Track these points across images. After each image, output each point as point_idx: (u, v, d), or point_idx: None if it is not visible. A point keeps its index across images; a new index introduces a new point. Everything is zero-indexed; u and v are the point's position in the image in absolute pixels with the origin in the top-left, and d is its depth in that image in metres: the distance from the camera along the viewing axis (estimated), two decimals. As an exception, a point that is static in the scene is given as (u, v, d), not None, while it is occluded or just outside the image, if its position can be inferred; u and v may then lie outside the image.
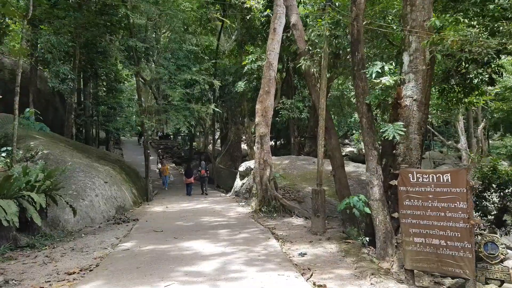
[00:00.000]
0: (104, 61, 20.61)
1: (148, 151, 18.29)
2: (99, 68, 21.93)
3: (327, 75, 9.40)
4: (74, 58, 18.61)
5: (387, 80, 7.04)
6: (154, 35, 22.96)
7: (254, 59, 18.81)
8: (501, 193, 10.67)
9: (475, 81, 10.67)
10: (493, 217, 10.90)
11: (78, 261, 6.69)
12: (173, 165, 34.87)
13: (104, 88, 26.19)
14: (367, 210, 7.49)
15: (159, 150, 33.59)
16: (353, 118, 20.11)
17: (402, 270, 6.79)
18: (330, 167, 12.04)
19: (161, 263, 6.39)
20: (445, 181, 5.40)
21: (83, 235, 9.04)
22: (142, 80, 20.60)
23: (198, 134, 39.39)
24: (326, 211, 9.56)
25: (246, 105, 23.54)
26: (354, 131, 22.96)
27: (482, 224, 9.79)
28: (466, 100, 11.84)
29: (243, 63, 19.79)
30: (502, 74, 9.91)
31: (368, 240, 7.79)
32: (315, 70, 9.69)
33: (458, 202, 5.27)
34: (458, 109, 15.56)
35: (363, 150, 30.48)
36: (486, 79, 10.46)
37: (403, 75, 7.40)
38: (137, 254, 7.05)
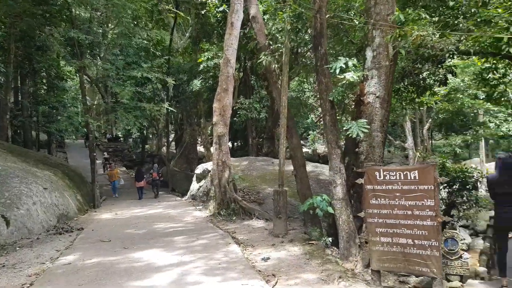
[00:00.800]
0: (44, 56, 18.93)
1: (94, 154, 17.04)
2: (37, 64, 20.11)
3: (289, 72, 9.10)
4: (9, 52, 16.89)
5: (350, 76, 6.83)
6: (101, 30, 21.61)
7: (210, 57, 18.25)
8: (449, 190, 11.04)
9: (428, 81, 10.94)
10: (442, 212, 11.23)
11: (8, 280, 5.77)
12: (124, 168, 33.20)
13: (44, 86, 24.10)
14: (330, 209, 7.25)
15: (105, 153, 31.66)
16: (309, 119, 20.18)
17: (366, 270, 6.61)
18: (290, 168, 11.80)
19: (108, 279, 5.68)
20: (412, 178, 5.24)
21: (17, 248, 7.98)
22: (88, 78, 19.21)
23: (151, 136, 37.93)
24: (287, 212, 9.24)
25: (202, 105, 22.84)
26: (310, 132, 23.04)
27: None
28: (418, 100, 12.13)
29: (198, 61, 19.13)
30: (455, 73, 10.20)
31: (331, 241, 7.55)
32: (276, 66, 9.36)
33: (425, 200, 5.13)
34: (412, 109, 16.04)
35: (318, 151, 30.68)
36: (439, 79, 10.75)
37: (366, 71, 7.26)
38: (80, 269, 6.25)
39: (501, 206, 5.59)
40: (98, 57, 19.17)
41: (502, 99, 10.04)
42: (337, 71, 6.85)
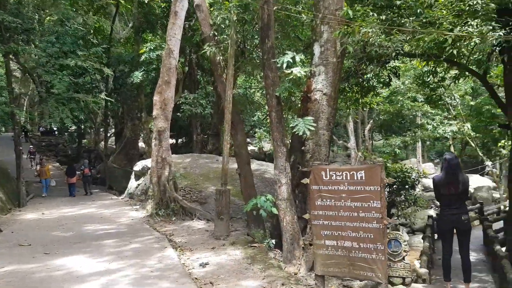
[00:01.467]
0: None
1: (21, 148, 15.35)
2: None
3: (235, 65, 8.63)
4: None
5: (298, 71, 6.52)
6: (37, 15, 19.67)
7: (152, 48, 17.22)
8: (389, 189, 11.33)
9: (372, 82, 11.08)
10: (384, 212, 11.52)
11: None
12: (57, 164, 30.67)
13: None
14: (275, 210, 6.91)
15: (31, 146, 29.09)
16: (256, 117, 19.90)
17: (309, 273, 6.36)
18: (235, 166, 11.37)
19: (17, 293, 4.84)
20: (359, 178, 5.03)
21: None
22: (19, 65, 17.22)
23: (89, 130, 35.52)
24: (230, 212, 8.79)
25: (143, 99, 21.64)
26: (257, 130, 22.82)
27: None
28: (362, 100, 12.29)
29: (140, 51, 18.02)
30: (399, 75, 10.40)
31: (274, 243, 7.23)
32: (221, 58, 8.84)
33: (371, 201, 4.93)
34: (355, 109, 16.36)
35: (264, 149, 30.60)
36: (383, 80, 10.91)
37: (314, 67, 7.02)
38: (-17, 282, 5.31)
39: (446, 207, 5.59)
40: (33, 44, 17.29)
41: (440, 102, 10.41)
42: (284, 65, 6.51)
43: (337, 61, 6.86)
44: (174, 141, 30.42)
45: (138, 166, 16.03)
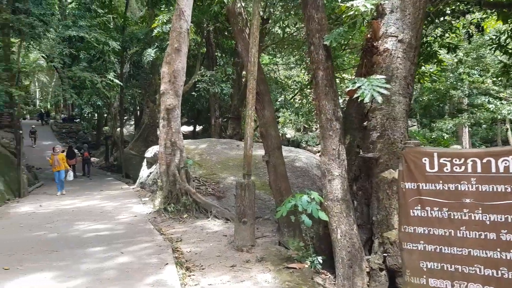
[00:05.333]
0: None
1: (21, 132, 13.58)
2: None
3: (261, 13, 6.34)
4: None
5: (362, 3, 4.20)
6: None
7: (165, 21, 15.06)
8: None
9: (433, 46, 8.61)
10: None
11: None
12: (76, 151, 29.56)
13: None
14: (323, 215, 4.67)
15: (33, 126, 28.73)
16: (282, 96, 17.55)
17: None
18: (259, 152, 9.22)
19: None
20: (500, 170, 2.71)
21: None
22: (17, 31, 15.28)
23: (107, 116, 34.33)
24: (255, 212, 6.59)
25: (157, 79, 19.61)
26: (280, 114, 20.45)
27: None
28: (419, 70, 9.77)
29: (152, 26, 15.94)
30: (483, 28, 7.82)
31: (321, 262, 4.99)
32: (242, 6, 6.57)
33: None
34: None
35: (287, 135, 28.10)
36: (450, 42, 8.40)
37: (383, 0, 4.65)
38: None
39: None
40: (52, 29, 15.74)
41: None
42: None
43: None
44: (191, 128, 28.59)
45: (149, 153, 14.06)
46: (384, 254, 4.60)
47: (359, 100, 4.18)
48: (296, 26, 9.25)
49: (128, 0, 21.96)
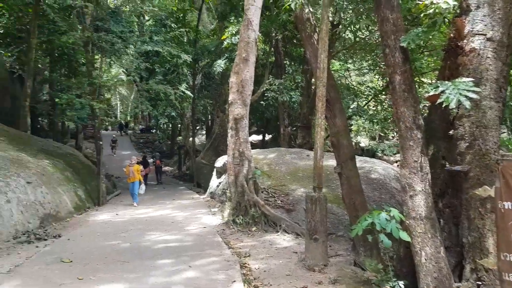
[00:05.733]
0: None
1: (101, 143, 14.65)
2: (61, 49, 17.94)
3: (331, 18, 6.01)
4: (29, 35, 14.97)
5: (443, 0, 3.69)
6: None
7: (234, 32, 15.36)
8: None
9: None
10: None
11: None
12: (151, 160, 31.38)
13: (64, 71, 22.15)
14: (404, 235, 4.14)
15: (114, 135, 30.89)
16: (355, 103, 16.75)
17: None
18: (330, 162, 8.77)
19: None
20: None
21: None
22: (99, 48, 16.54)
23: (179, 126, 36.13)
24: (327, 228, 6.17)
25: (227, 89, 20.02)
26: (353, 121, 19.51)
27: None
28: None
29: (222, 38, 16.37)
30: None
31: (403, 287, 4.43)
32: (310, 11, 6.28)
33: None
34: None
35: (361, 144, 26.72)
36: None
37: (469, -6, 4.05)
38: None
39: None
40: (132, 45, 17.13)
41: None
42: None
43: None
44: (261, 137, 28.75)
45: (219, 162, 14.29)
46: (477, 283, 3.95)
47: (443, 106, 3.66)
48: (369, 29, 8.70)
49: (200, 15, 22.87)
